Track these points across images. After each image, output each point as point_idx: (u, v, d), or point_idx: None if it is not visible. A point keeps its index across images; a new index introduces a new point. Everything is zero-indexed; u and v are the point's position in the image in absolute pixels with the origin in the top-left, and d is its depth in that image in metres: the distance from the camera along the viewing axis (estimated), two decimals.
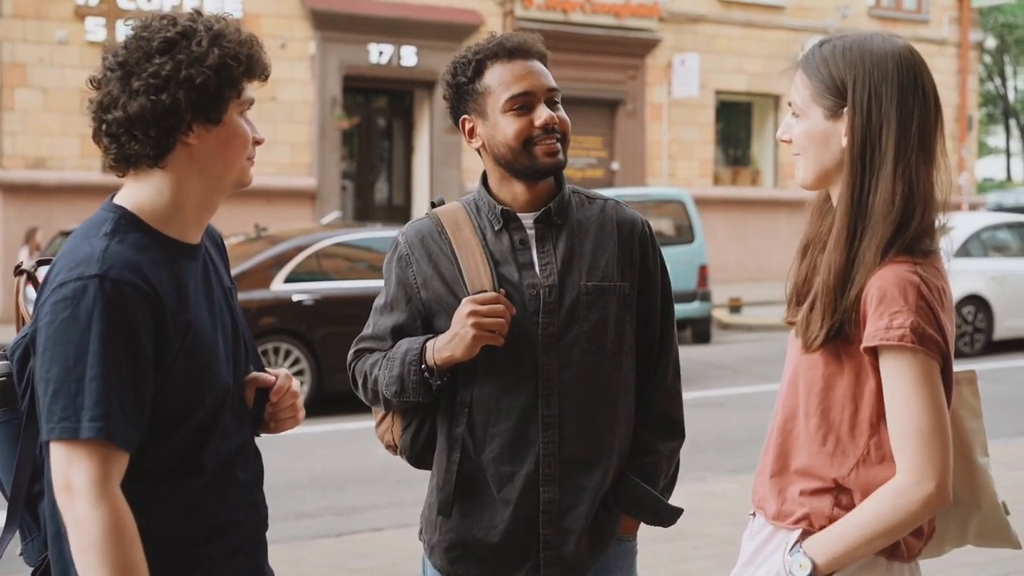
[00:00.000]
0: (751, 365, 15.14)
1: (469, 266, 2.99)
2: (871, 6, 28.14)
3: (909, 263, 2.46)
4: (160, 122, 2.37)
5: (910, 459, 2.43)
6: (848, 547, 2.47)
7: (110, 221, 2.40)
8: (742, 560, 2.74)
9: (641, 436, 3.12)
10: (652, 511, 3.12)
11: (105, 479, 2.25)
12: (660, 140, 25.56)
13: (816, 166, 2.60)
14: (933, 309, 2.43)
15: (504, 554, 3.03)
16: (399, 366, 3.00)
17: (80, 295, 2.27)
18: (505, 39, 3.03)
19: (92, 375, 2.25)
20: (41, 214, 18.92)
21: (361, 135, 24.03)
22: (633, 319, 3.08)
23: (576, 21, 24.01)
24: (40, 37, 19.69)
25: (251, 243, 13.37)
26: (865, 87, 2.50)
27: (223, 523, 2.52)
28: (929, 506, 2.43)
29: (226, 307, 2.59)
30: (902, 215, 2.47)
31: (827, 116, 2.56)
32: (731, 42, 26.26)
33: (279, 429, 2.70)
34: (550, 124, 2.98)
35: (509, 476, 3.00)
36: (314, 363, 12.03)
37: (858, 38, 2.58)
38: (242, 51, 2.45)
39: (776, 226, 26.61)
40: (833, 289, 2.51)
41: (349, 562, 6.91)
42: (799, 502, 2.58)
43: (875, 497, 2.46)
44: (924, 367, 2.42)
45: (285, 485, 8.61)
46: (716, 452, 9.54)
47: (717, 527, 7.19)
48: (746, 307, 20.54)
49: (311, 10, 21.79)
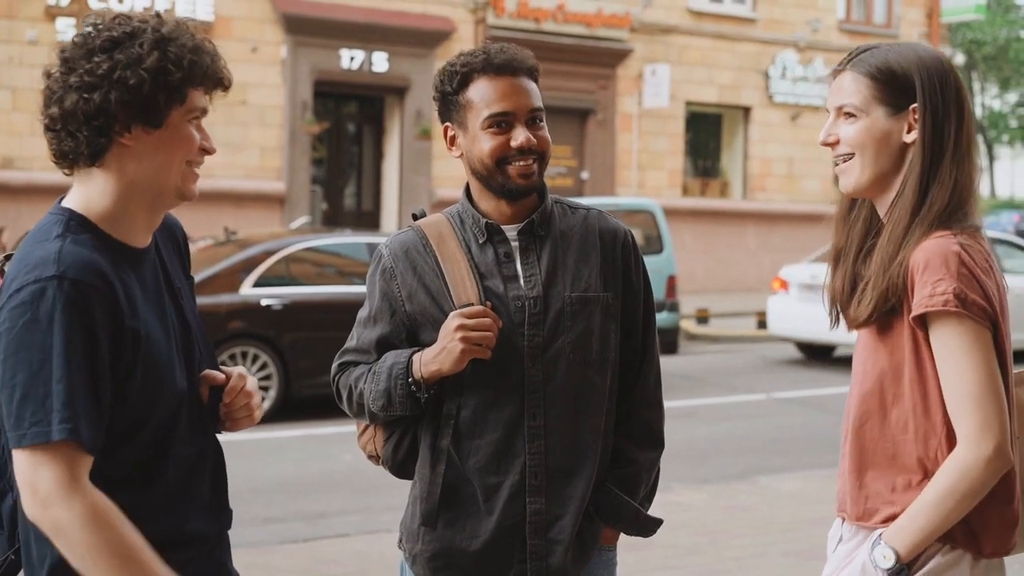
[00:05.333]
0: (718, 376, 15.19)
1: (455, 279, 2.98)
2: (841, 20, 28.30)
3: (950, 235, 2.54)
4: (91, 120, 2.34)
5: (966, 424, 2.48)
6: (923, 527, 2.52)
7: (60, 223, 2.38)
8: (829, 570, 2.76)
9: (621, 445, 3.13)
10: (632, 522, 3.12)
11: (73, 478, 2.23)
12: (630, 150, 25.61)
13: (874, 167, 2.67)
14: (976, 276, 2.49)
15: (487, 564, 3.03)
16: (385, 380, 2.99)
17: (39, 298, 2.25)
18: (494, 54, 2.99)
19: (58, 376, 2.23)
20: (8, 214, 18.78)
21: (331, 140, 23.99)
22: (617, 329, 3.09)
23: (548, 30, 24.04)
24: (10, 36, 19.59)
25: (220, 247, 13.31)
26: (931, 83, 2.63)
27: (186, 531, 2.50)
28: (991, 467, 2.47)
29: (175, 310, 2.55)
30: (954, 198, 2.59)
31: (889, 115, 2.65)
32: (702, 53, 26.35)
33: (235, 428, 2.66)
34: (526, 146, 2.96)
35: (495, 487, 3.00)
36: (282, 368, 11.98)
37: (905, 44, 2.72)
38: (187, 58, 2.39)
39: (744, 238, 26.71)
40: (886, 271, 2.58)
41: (317, 567, 6.89)
42: (886, 499, 2.62)
43: (940, 471, 2.51)
44: (973, 332, 2.47)
45: (252, 490, 8.59)
46: (683, 462, 9.57)
47: (684, 537, 7.21)
48: (713, 318, 20.59)
49: (283, 14, 21.74)
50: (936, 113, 2.61)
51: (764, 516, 7.75)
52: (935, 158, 2.61)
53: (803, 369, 15.69)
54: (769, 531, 7.43)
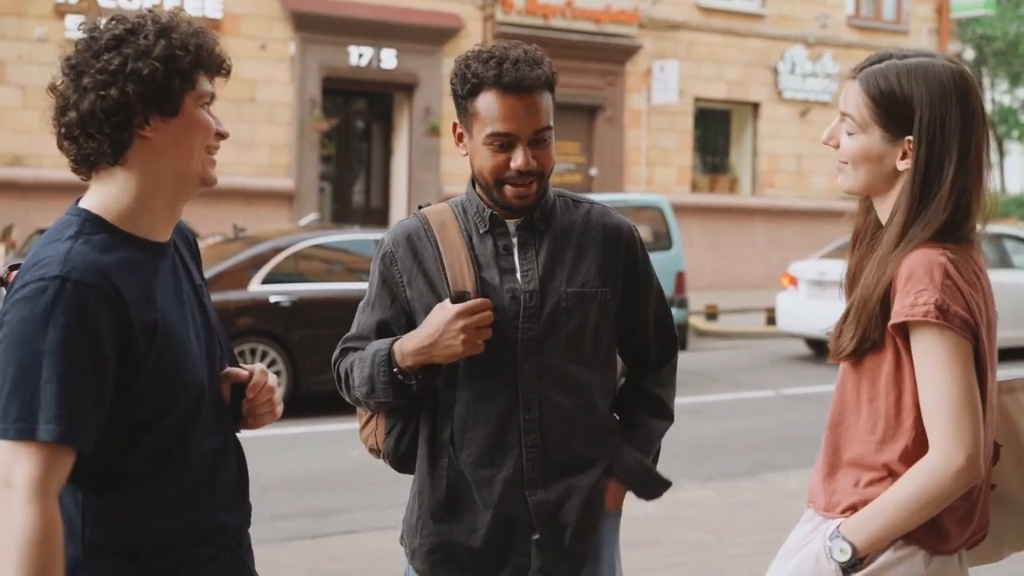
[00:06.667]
0: (726, 372, 15.16)
1: (453, 267, 3.00)
2: (851, 16, 28.24)
3: (939, 247, 2.53)
4: (111, 117, 2.36)
5: (940, 434, 2.47)
6: (884, 526, 2.52)
7: (75, 224, 2.39)
8: (785, 549, 2.77)
9: (634, 414, 3.17)
10: (642, 479, 3.14)
11: (44, 482, 2.23)
12: (639, 146, 25.60)
13: (866, 179, 2.66)
14: (960, 288, 2.48)
15: (485, 557, 3.05)
16: (369, 366, 3.02)
17: (39, 296, 2.27)
18: (507, 69, 2.92)
19: (48, 377, 2.24)
20: (17, 212, 18.83)
21: (340, 137, 24.00)
22: (613, 325, 3.11)
23: (556, 26, 24.03)
24: (19, 34, 19.63)
25: (229, 244, 13.33)
26: (931, 118, 2.55)
27: (208, 525, 2.52)
28: (960, 479, 2.47)
29: (197, 305, 2.57)
30: (943, 228, 2.55)
31: (886, 139, 2.60)
32: (711, 49, 26.32)
33: (257, 425, 2.69)
34: (524, 169, 2.94)
35: (487, 480, 3.02)
36: (291, 364, 12.00)
37: (920, 62, 2.60)
38: (191, 42, 2.42)
39: (753, 234, 26.68)
40: (867, 302, 2.57)
41: (323, 564, 6.90)
42: (850, 493, 2.62)
43: (908, 474, 2.51)
44: (952, 343, 2.47)
45: (260, 487, 8.52)
46: (689, 459, 9.56)
47: (689, 534, 7.22)
48: (722, 314, 20.57)
49: (291, 12, 21.75)
50: (932, 148, 2.55)
51: (771, 513, 7.74)
52: (924, 194, 2.56)
53: (812, 365, 15.66)
54: (775, 528, 7.37)
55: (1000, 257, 17.52)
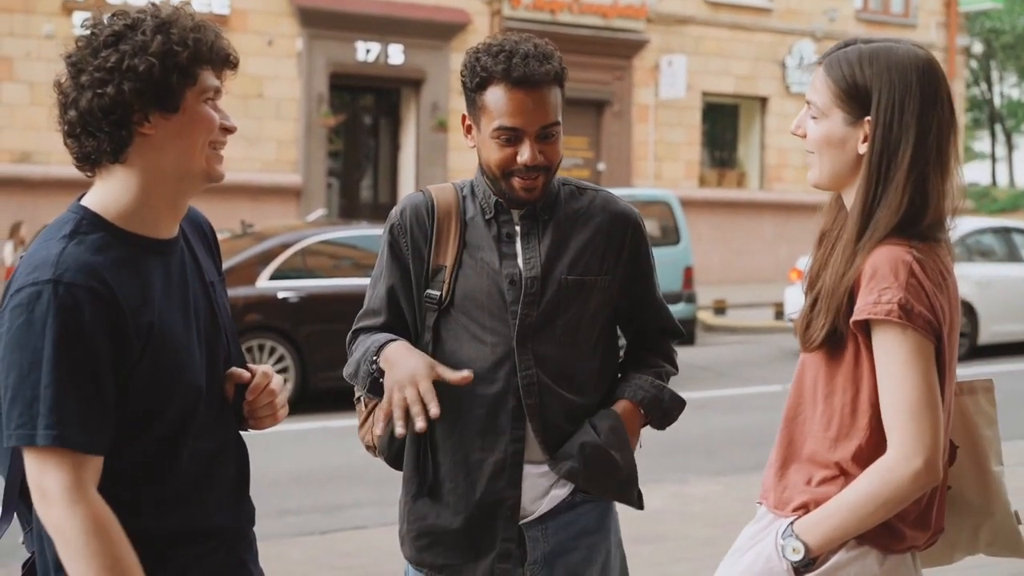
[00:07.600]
0: (735, 367, 15.16)
1: (439, 244, 3.03)
2: (859, 9, 28.20)
3: (905, 245, 2.49)
4: (109, 115, 2.34)
5: (899, 435, 2.44)
6: (838, 526, 2.49)
7: (71, 222, 2.37)
8: (736, 546, 2.74)
9: (644, 358, 3.19)
10: (655, 397, 3.12)
11: (78, 484, 2.24)
12: (646, 141, 25.58)
13: (830, 168, 2.64)
14: (925, 287, 2.45)
15: (470, 541, 3.05)
16: (361, 352, 3.04)
17: (34, 301, 2.26)
18: (515, 63, 2.92)
19: (47, 382, 2.24)
20: (26, 208, 18.86)
21: (347, 133, 24.00)
22: (612, 313, 3.12)
23: (564, 21, 24.01)
24: (27, 31, 19.65)
25: (237, 239, 13.33)
26: (889, 99, 2.53)
27: (202, 525, 2.50)
28: (918, 482, 2.44)
29: (205, 303, 2.55)
30: (905, 218, 2.51)
31: (847, 122, 2.58)
32: (718, 44, 26.29)
33: (258, 427, 2.66)
34: (531, 163, 2.95)
35: (477, 463, 3.02)
36: (299, 360, 12.02)
37: (884, 46, 2.58)
38: (189, 36, 2.38)
39: (761, 228, 26.65)
40: (835, 291, 2.53)
41: (332, 560, 6.92)
42: (801, 491, 2.59)
43: (865, 474, 2.48)
44: (914, 343, 2.43)
45: (269, 482, 8.59)
46: (698, 454, 9.55)
47: (698, 529, 7.20)
48: (731, 309, 20.56)
49: (298, 7, 21.75)
50: (889, 129, 2.52)
51: None
52: (881, 177, 2.53)
53: None
54: None
55: (1008, 251, 17.49)
